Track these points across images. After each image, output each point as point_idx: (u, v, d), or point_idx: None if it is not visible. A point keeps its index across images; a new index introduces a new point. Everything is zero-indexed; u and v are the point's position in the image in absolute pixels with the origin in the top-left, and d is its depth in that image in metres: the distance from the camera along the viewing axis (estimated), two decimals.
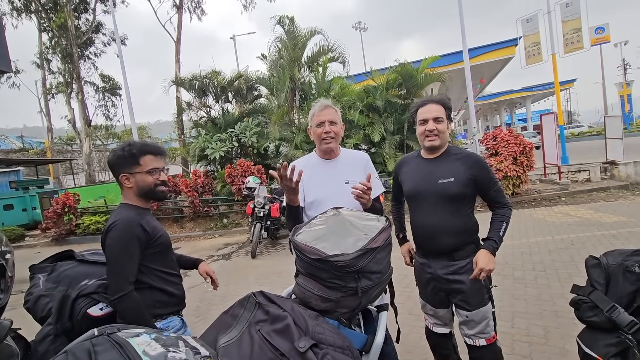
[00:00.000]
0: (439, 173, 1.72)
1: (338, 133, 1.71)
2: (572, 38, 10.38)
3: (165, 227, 8.62)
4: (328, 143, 1.68)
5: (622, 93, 30.31)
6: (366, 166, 1.77)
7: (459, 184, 1.68)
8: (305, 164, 1.76)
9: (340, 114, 1.80)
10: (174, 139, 15.83)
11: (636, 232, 4.73)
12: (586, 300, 1.26)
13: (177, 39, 14.05)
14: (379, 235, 1.05)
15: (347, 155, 1.81)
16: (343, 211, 1.20)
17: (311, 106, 1.79)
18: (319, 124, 1.69)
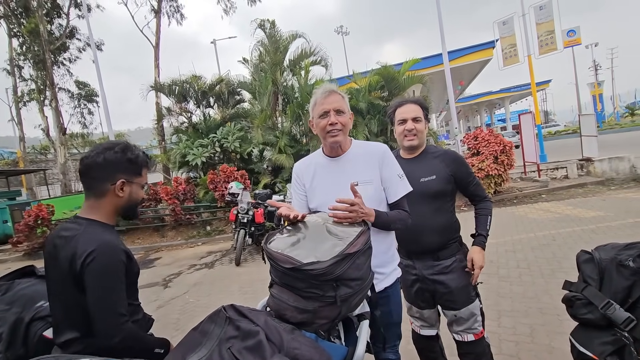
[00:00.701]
0: (419, 172, 1.72)
1: (346, 124, 1.41)
2: (546, 40, 10.71)
3: (146, 236, 8.41)
4: (334, 136, 1.37)
5: (594, 93, 31.56)
6: (383, 161, 1.42)
7: (440, 181, 1.70)
8: (309, 163, 1.53)
9: (348, 100, 1.50)
10: (154, 146, 15.43)
11: (613, 226, 4.85)
12: (580, 297, 1.21)
13: (156, 44, 13.75)
14: (357, 238, 0.98)
15: (359, 149, 1.47)
16: (320, 216, 1.13)
17: (312, 94, 1.48)
18: (322, 114, 1.39)
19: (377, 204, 1.37)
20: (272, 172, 9.71)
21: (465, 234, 1.84)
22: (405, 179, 1.46)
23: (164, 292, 5.00)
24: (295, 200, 1.53)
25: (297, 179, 1.54)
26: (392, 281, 1.43)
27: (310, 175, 1.48)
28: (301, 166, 1.55)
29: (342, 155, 1.45)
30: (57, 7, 14.68)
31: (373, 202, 1.34)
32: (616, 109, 39.65)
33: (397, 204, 1.42)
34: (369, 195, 1.33)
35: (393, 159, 1.46)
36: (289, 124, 9.87)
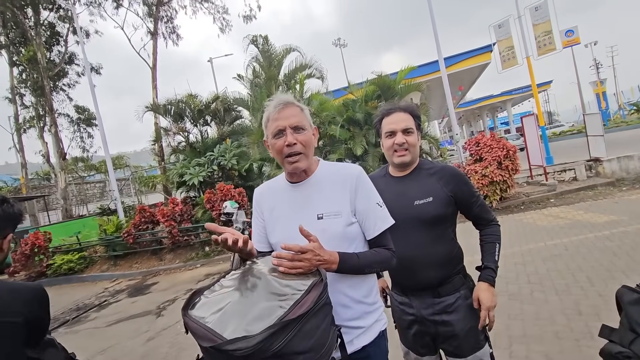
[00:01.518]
0: (413, 193, 1.45)
1: (308, 143, 1.10)
2: (544, 40, 10.53)
3: (143, 260, 8.21)
4: (294, 162, 1.09)
5: (597, 91, 31.16)
6: (356, 187, 1.12)
7: (438, 204, 1.41)
8: (269, 189, 1.26)
9: (309, 111, 1.21)
10: (154, 167, 15.42)
11: (630, 232, 4.53)
12: (628, 354, 0.87)
13: (153, 65, 13.87)
14: (305, 295, 0.76)
15: (326, 173, 1.17)
16: (267, 262, 0.91)
17: (264, 108, 1.17)
18: (276, 132, 1.09)
19: (347, 243, 1.10)
20: None
21: (468, 255, 1.55)
22: (385, 209, 1.17)
23: (157, 321, 4.76)
24: (255, 232, 1.27)
25: (256, 208, 1.28)
26: (374, 336, 1.12)
27: (270, 204, 1.22)
28: (261, 193, 1.28)
29: (306, 180, 1.16)
30: (56, 35, 14.95)
31: (342, 241, 1.08)
32: (621, 106, 39.10)
33: (376, 241, 1.14)
34: (336, 232, 1.08)
35: (369, 185, 1.17)
36: None
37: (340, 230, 1.08)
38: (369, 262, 1.08)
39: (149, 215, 8.33)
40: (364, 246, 1.15)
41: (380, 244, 1.13)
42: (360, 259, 1.06)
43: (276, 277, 0.82)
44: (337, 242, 1.07)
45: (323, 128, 9.13)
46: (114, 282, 7.64)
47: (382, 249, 1.13)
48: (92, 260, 8.63)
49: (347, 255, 1.04)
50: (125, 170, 17.08)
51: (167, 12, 16.20)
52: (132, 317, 5.13)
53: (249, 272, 0.86)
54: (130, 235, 7.99)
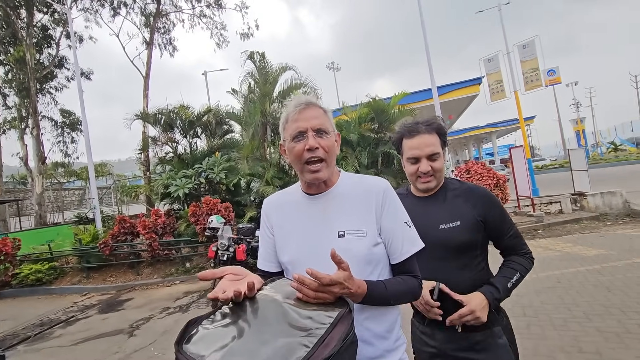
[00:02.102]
0: (438, 215, 1.31)
1: (331, 149, 0.98)
2: (531, 77, 10.97)
3: (119, 274, 7.76)
4: (315, 171, 0.95)
5: (577, 129, 32.56)
6: (383, 203, 0.98)
7: (467, 229, 1.27)
8: (282, 200, 1.10)
9: (332, 116, 1.05)
10: (139, 176, 14.99)
11: (620, 267, 4.53)
12: None
13: (146, 74, 13.73)
14: (330, 332, 0.62)
15: (348, 185, 1.03)
16: (279, 288, 0.76)
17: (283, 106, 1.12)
18: (296, 134, 0.96)
19: (371, 267, 0.95)
20: (259, 204, 9.31)
21: None
22: (414, 230, 1.02)
23: (128, 342, 4.40)
24: (263, 249, 1.11)
25: (265, 221, 1.11)
26: None
27: (281, 217, 1.06)
28: (271, 204, 1.11)
29: (325, 192, 1.02)
30: (48, 38, 14.72)
31: (365, 264, 0.94)
32: (599, 144, 40.90)
33: (402, 266, 0.99)
34: (360, 254, 0.94)
35: (397, 201, 1.02)
36: (277, 155, 9.62)
37: (364, 251, 0.94)
38: (396, 292, 0.93)
39: (129, 226, 7.95)
40: (388, 271, 1.00)
41: (406, 269, 0.99)
42: (388, 288, 0.91)
43: (293, 305, 0.68)
44: (360, 265, 0.92)
45: None
46: (85, 296, 7.15)
47: (409, 276, 0.99)
48: (62, 272, 8.09)
49: (375, 285, 0.89)
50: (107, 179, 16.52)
51: (165, 24, 16.29)
52: (101, 336, 4.74)
53: (258, 299, 0.71)
54: (107, 246, 7.57)
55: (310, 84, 9.90)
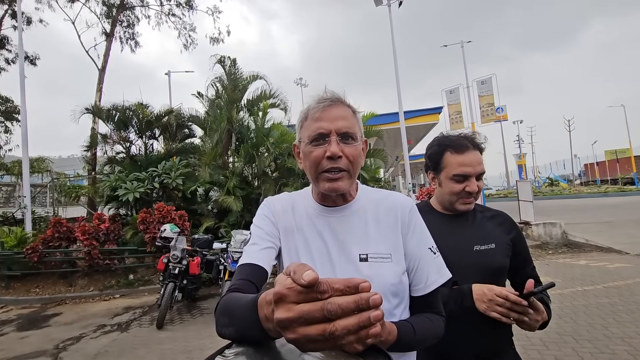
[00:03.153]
0: (471, 236, 1.20)
1: (357, 159, 0.81)
2: (487, 111, 11.83)
3: (47, 284, 6.83)
4: (335, 180, 0.79)
5: (519, 163, 35.65)
6: (409, 224, 0.85)
7: (501, 252, 1.18)
8: (293, 205, 0.91)
9: (361, 118, 0.91)
10: (83, 176, 13.68)
11: (567, 294, 4.80)
12: None
13: (102, 67, 12.75)
14: None
15: (370, 200, 0.88)
16: None
17: (304, 105, 0.86)
18: (317, 136, 0.79)
19: (396, 300, 0.80)
20: (217, 215, 8.82)
21: None
22: (440, 258, 0.87)
23: None
24: (254, 249, 0.83)
25: (268, 218, 0.88)
26: None
27: (292, 225, 0.87)
28: (279, 205, 0.91)
29: (343, 206, 0.86)
30: None
31: (390, 297, 0.79)
32: (537, 178, 45.06)
33: (426, 300, 0.84)
34: (385, 284, 0.78)
35: (423, 223, 0.88)
36: (241, 164, 9.27)
37: (389, 280, 0.79)
38: (423, 336, 0.77)
39: (66, 230, 7.08)
40: (407, 307, 0.85)
41: (430, 305, 0.84)
42: (417, 332, 0.75)
43: (316, 357, 0.50)
44: (385, 298, 0.76)
45: (282, 160, 8.89)
46: (1, 310, 6.16)
47: (434, 314, 0.83)
48: None
49: (404, 329, 0.73)
50: (44, 176, 14.83)
51: (129, 17, 15.40)
52: (17, 359, 4.02)
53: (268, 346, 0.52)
54: (35, 252, 6.64)
55: (280, 95, 9.77)
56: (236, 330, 0.57)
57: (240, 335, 0.56)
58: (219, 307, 0.66)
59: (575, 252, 7.83)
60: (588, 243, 8.26)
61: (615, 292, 4.70)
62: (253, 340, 0.55)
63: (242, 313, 0.57)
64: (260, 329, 0.51)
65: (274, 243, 0.84)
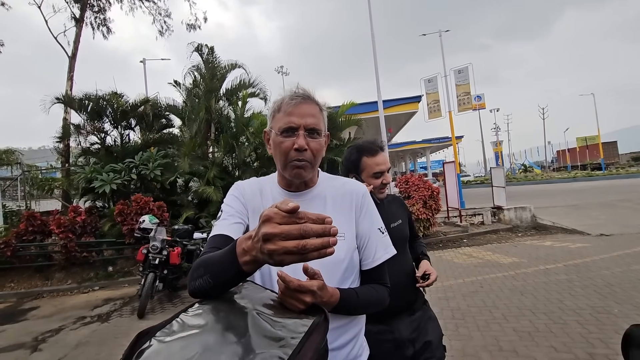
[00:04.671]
0: (387, 217, 1.47)
1: (319, 152, 0.93)
2: (464, 99, 12.12)
3: (22, 279, 6.71)
4: (299, 167, 0.90)
5: (496, 150, 36.81)
6: (362, 207, 0.98)
7: (405, 227, 1.63)
8: (260, 189, 1.00)
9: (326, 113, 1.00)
10: (56, 168, 13.23)
11: (530, 273, 5.14)
12: None
13: (73, 54, 12.18)
14: (306, 340, 0.56)
15: (329, 186, 1.00)
16: (248, 294, 0.69)
17: (277, 98, 0.95)
18: (286, 128, 0.89)
19: (347, 273, 0.92)
20: (197, 205, 8.79)
21: None
22: (387, 237, 1.02)
23: (31, 357, 3.79)
24: (224, 223, 0.91)
25: (238, 198, 0.97)
26: None
27: (259, 205, 0.96)
28: (251, 186, 1.02)
29: (305, 191, 0.98)
30: None
31: (341, 271, 0.91)
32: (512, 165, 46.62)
33: (372, 273, 0.97)
34: (338, 259, 0.88)
35: (374, 206, 1.02)
36: (221, 154, 9.22)
37: (342, 255, 0.90)
38: (367, 301, 0.90)
39: (40, 224, 6.93)
40: (356, 279, 0.97)
41: (376, 277, 0.97)
42: (360, 297, 0.88)
43: (265, 313, 0.61)
44: (336, 270, 0.89)
45: (262, 149, 8.90)
46: None
47: (379, 284, 0.97)
48: None
49: (347, 293, 0.85)
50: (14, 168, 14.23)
51: (100, 2, 14.72)
52: None
53: (224, 307, 0.63)
54: (8, 247, 6.49)
55: (259, 84, 9.71)
56: (211, 275, 0.68)
57: (214, 280, 0.67)
58: (193, 266, 0.75)
59: (543, 234, 8.29)
60: (554, 225, 8.75)
61: (573, 270, 5.07)
62: (225, 282, 0.68)
63: (218, 258, 0.69)
64: (236, 266, 0.63)
65: (243, 220, 0.93)
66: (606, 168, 34.61)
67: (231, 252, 0.65)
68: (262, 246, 0.56)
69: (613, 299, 3.81)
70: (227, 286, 0.69)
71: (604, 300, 3.80)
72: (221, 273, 0.67)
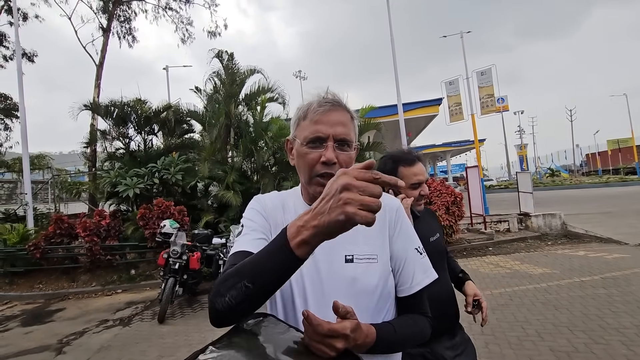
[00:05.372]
0: (424, 231, 1.44)
1: (348, 166, 0.74)
2: (487, 102, 11.74)
3: (50, 280, 6.91)
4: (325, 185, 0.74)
5: (520, 154, 35.55)
6: (396, 224, 0.86)
7: (442, 239, 1.56)
8: (283, 205, 0.90)
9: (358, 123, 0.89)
10: (84, 172, 13.72)
11: (564, 286, 4.83)
12: None
13: (100, 63, 12.69)
14: None
15: None
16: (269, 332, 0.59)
17: (303, 102, 0.86)
18: (313, 138, 0.80)
19: (381, 302, 0.80)
20: (217, 209, 8.85)
21: None
22: (427, 258, 0.88)
23: None
24: (247, 238, 0.81)
25: (260, 212, 0.87)
26: None
27: (281, 223, 0.85)
28: (270, 203, 0.91)
29: None
30: None
31: (375, 298, 0.79)
32: (538, 169, 44.91)
33: (411, 301, 0.84)
34: (370, 286, 0.78)
35: (409, 223, 0.90)
36: (240, 159, 9.27)
37: (375, 282, 0.79)
38: (406, 338, 0.78)
39: (67, 227, 7.14)
40: (392, 309, 0.85)
41: (415, 306, 0.85)
42: (398, 333, 0.76)
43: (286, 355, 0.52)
44: (369, 300, 0.78)
45: (280, 154, 8.89)
46: (6, 305, 6.25)
47: (419, 315, 0.85)
48: None
49: (384, 331, 0.73)
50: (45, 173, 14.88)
51: (126, 12, 15.27)
52: (21, 353, 4.10)
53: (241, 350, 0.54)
54: (38, 249, 6.71)
55: (278, 89, 9.72)
56: (250, 278, 0.59)
57: (254, 282, 0.58)
58: (216, 283, 0.65)
59: (575, 243, 7.85)
60: (587, 234, 8.27)
61: (612, 283, 4.73)
62: (272, 280, 0.59)
63: (256, 256, 0.62)
64: (287, 251, 0.56)
65: (267, 236, 0.83)
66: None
67: (279, 238, 0.59)
68: (339, 196, 0.52)
69: None
70: (272, 286, 0.60)
71: None
72: (265, 269, 0.59)
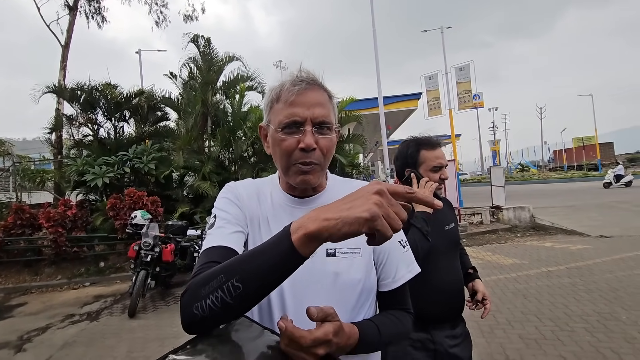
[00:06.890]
0: (440, 219, 1.46)
1: (330, 151, 0.75)
2: (464, 97, 11.98)
3: (11, 274, 6.51)
4: (306, 172, 0.73)
5: (493, 149, 36.81)
6: None
7: (457, 229, 1.56)
8: (258, 193, 0.83)
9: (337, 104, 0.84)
10: (49, 160, 12.95)
11: (532, 275, 5.04)
12: None
13: (66, 44, 11.86)
14: None
15: (340, 189, 0.78)
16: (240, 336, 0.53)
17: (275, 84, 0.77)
18: (289, 123, 0.71)
19: (363, 298, 0.76)
20: (193, 200, 8.60)
21: None
22: (410, 251, 0.83)
23: (15, 358, 3.62)
24: (222, 232, 0.73)
25: (234, 202, 0.80)
26: None
27: (257, 212, 0.79)
28: (244, 191, 0.83)
29: (312, 196, 0.80)
30: None
31: (358, 294, 0.75)
32: (509, 164, 46.71)
33: (394, 296, 0.80)
34: (352, 281, 0.74)
35: None
36: (218, 149, 9.03)
37: (358, 276, 0.74)
38: (389, 337, 0.72)
39: (29, 217, 6.72)
40: (375, 303, 0.81)
41: (397, 301, 0.81)
42: (382, 333, 0.70)
43: None
44: (350, 295, 0.73)
45: (259, 144, 8.72)
46: None
47: (401, 311, 0.80)
48: None
49: (367, 331, 0.67)
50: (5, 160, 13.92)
51: None
52: None
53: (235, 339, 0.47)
54: None
55: (258, 78, 9.50)
56: (240, 276, 0.52)
57: (246, 281, 0.52)
58: (196, 282, 0.57)
59: (542, 235, 8.21)
60: (554, 226, 8.67)
61: (576, 273, 4.97)
62: (271, 276, 0.53)
63: (249, 252, 0.57)
64: (287, 245, 0.51)
65: (243, 228, 0.76)
66: (602, 168, 34.73)
67: (283, 233, 0.53)
68: (371, 196, 0.50)
69: (619, 304, 3.70)
70: (265, 288, 0.54)
71: (610, 306, 3.69)
72: (262, 265, 0.52)
